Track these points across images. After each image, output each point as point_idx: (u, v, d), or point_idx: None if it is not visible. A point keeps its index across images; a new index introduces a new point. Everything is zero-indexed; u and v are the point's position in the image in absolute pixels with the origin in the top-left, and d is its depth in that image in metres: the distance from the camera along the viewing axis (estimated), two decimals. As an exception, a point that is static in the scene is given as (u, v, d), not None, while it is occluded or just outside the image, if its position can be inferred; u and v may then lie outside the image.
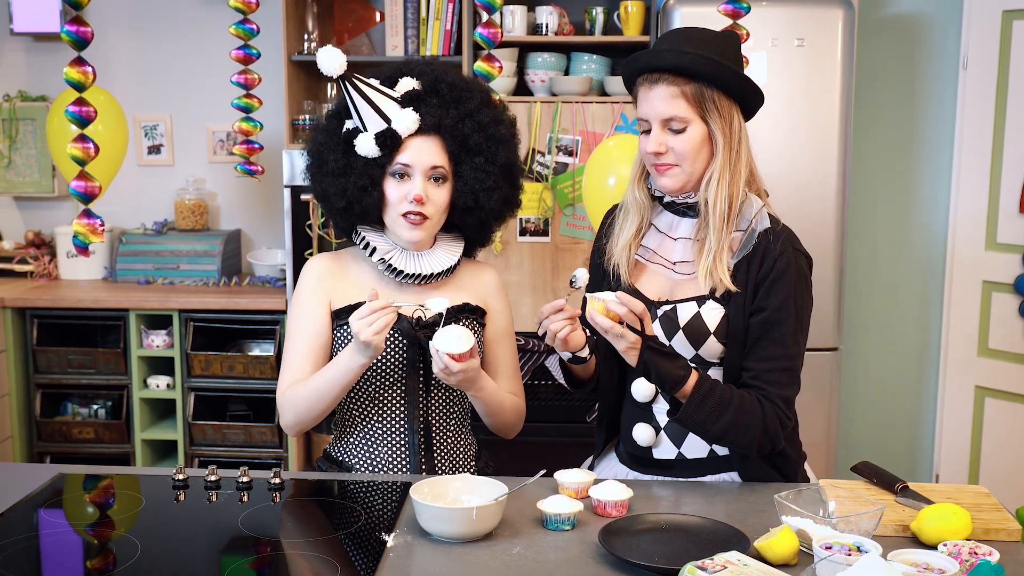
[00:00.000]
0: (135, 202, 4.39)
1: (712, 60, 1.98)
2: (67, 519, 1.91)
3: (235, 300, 3.91)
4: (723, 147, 2.02)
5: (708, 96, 2.00)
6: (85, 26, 2.19)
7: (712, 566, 1.50)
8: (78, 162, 2.28)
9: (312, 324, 2.19)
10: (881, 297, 4.26)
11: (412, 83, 2.19)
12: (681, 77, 1.99)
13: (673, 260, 2.10)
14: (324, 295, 2.20)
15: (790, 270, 2.01)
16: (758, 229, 2.03)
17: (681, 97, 1.99)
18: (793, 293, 2.01)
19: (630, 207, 2.16)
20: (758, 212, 2.05)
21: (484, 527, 1.76)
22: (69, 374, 3.97)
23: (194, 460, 3.99)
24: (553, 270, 3.81)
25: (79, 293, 4.00)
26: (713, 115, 2.01)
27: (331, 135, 2.19)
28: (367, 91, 2.13)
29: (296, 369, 2.17)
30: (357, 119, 2.15)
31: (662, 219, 2.14)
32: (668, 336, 2.06)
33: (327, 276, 2.22)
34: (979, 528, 1.79)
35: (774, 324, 2.01)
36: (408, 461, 2.20)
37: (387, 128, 2.12)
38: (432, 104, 2.16)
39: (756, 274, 2.02)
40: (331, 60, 2.09)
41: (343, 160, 2.15)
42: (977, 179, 3.92)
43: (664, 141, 2.02)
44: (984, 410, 3.96)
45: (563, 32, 3.92)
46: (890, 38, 4.13)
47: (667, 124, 2.01)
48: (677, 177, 2.05)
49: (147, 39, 4.34)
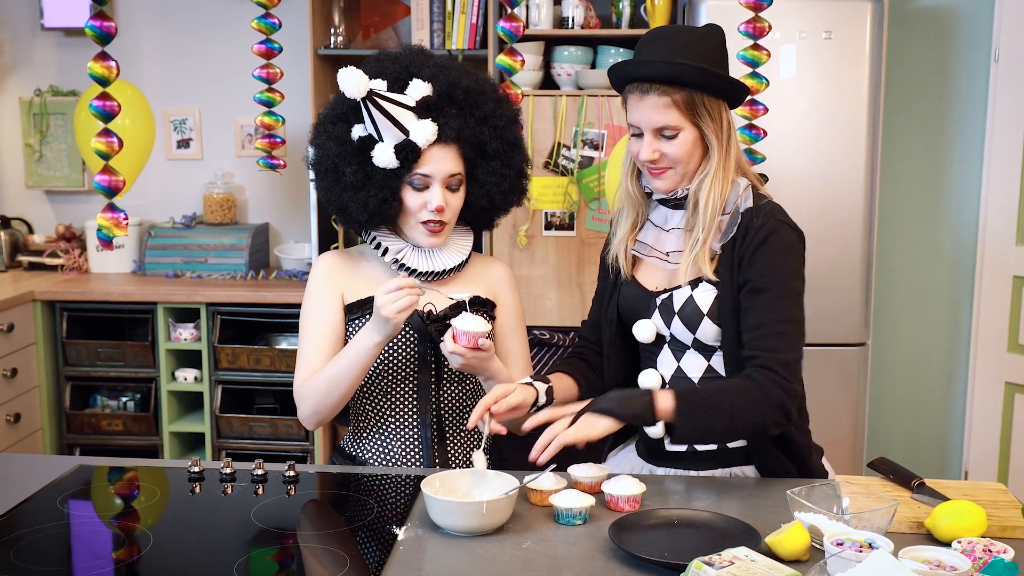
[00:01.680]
0: (164, 196, 4.42)
1: (701, 69, 1.97)
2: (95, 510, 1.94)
3: (262, 294, 3.93)
4: (716, 147, 2.03)
5: (698, 101, 2.00)
6: (109, 21, 2.21)
7: (719, 562, 1.49)
8: (102, 156, 2.30)
9: (325, 318, 2.20)
10: (910, 292, 4.21)
11: (425, 88, 2.15)
12: (671, 86, 1.98)
13: (667, 251, 2.11)
14: (336, 290, 2.21)
15: (771, 239, 2.01)
16: (741, 208, 2.05)
17: (672, 106, 1.99)
18: (775, 261, 2.00)
19: (625, 202, 2.18)
20: (743, 192, 2.06)
21: (494, 521, 1.76)
22: (98, 367, 4.01)
23: (221, 453, 4.02)
24: (578, 264, 3.80)
25: (108, 286, 4.04)
26: (704, 119, 2.01)
27: (342, 144, 2.16)
28: (386, 106, 2.10)
29: (311, 362, 2.17)
30: (372, 129, 2.13)
31: (656, 213, 2.16)
32: (667, 323, 2.07)
33: (338, 272, 2.23)
34: (995, 525, 1.77)
35: (759, 291, 1.99)
36: (421, 455, 2.20)
37: (406, 140, 2.10)
38: (450, 113, 2.15)
39: (739, 250, 2.02)
40: (354, 83, 2.06)
41: (360, 172, 2.13)
42: (1008, 173, 3.86)
43: (657, 148, 2.02)
44: (1014, 406, 3.91)
45: (589, 25, 3.91)
46: (920, 30, 4.08)
47: (659, 132, 2.02)
48: (671, 179, 2.06)
49: (175, 33, 4.37)
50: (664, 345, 2.12)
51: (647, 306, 2.10)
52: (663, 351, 2.12)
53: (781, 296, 1.99)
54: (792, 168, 3.57)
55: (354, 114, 2.17)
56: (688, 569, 1.49)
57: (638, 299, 2.13)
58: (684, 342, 2.08)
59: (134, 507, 1.96)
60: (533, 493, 1.90)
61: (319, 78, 3.94)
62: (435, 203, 2.13)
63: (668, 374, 2.11)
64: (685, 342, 2.08)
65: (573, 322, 3.82)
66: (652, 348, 2.14)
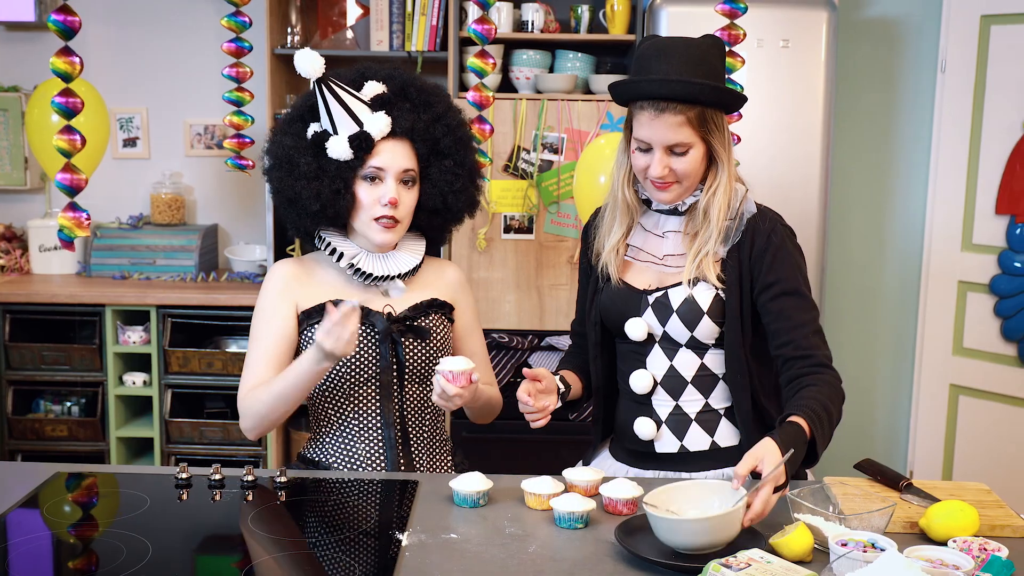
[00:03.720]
0: (110, 196, 4.31)
1: (717, 88, 2.02)
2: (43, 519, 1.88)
3: (215, 296, 3.86)
4: (723, 161, 2.08)
5: (709, 117, 2.04)
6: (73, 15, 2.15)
7: (736, 563, 1.51)
8: (64, 154, 2.24)
9: (276, 328, 2.20)
10: (858, 297, 4.30)
11: (379, 87, 2.21)
12: (686, 104, 2.01)
13: (661, 255, 2.13)
14: (290, 299, 2.22)
15: (786, 243, 2.09)
16: (746, 214, 2.10)
17: (687, 124, 2.02)
18: (792, 264, 2.08)
19: (620, 208, 2.18)
20: (743, 199, 2.11)
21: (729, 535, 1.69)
22: (43, 370, 3.90)
23: (170, 458, 3.94)
24: (537, 268, 3.81)
25: (54, 288, 3.93)
26: (713, 134, 2.05)
27: (298, 138, 2.19)
28: (341, 94, 2.15)
29: (258, 372, 2.17)
30: (328, 122, 2.16)
31: (648, 219, 2.18)
32: (662, 322, 2.09)
33: (292, 280, 2.24)
34: (985, 524, 1.81)
35: (790, 293, 2.06)
36: (385, 457, 2.20)
37: (360, 131, 2.14)
38: (403, 108, 2.20)
39: (749, 254, 2.07)
40: (309, 62, 2.11)
41: (315, 163, 2.16)
42: (954, 181, 3.97)
43: (668, 164, 2.05)
44: (959, 408, 4.01)
45: (548, 29, 3.92)
46: (869, 41, 4.18)
47: (671, 149, 2.04)
48: (676, 192, 2.09)
49: (124, 31, 4.27)
50: (655, 344, 2.13)
51: (636, 305, 2.12)
52: (653, 350, 2.13)
53: (805, 299, 2.08)
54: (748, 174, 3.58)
55: (310, 114, 2.21)
56: (705, 571, 1.50)
57: (626, 298, 2.14)
58: (678, 340, 2.10)
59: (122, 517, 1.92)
60: (532, 497, 1.90)
61: (275, 77, 3.89)
62: (388, 196, 2.15)
63: (660, 373, 2.12)
64: (679, 340, 2.10)
65: (531, 325, 3.82)
66: (640, 348, 2.15)
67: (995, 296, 3.85)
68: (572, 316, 2.43)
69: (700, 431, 2.12)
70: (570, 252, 3.78)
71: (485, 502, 1.91)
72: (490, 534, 1.78)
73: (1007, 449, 3.83)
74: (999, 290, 3.82)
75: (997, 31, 3.80)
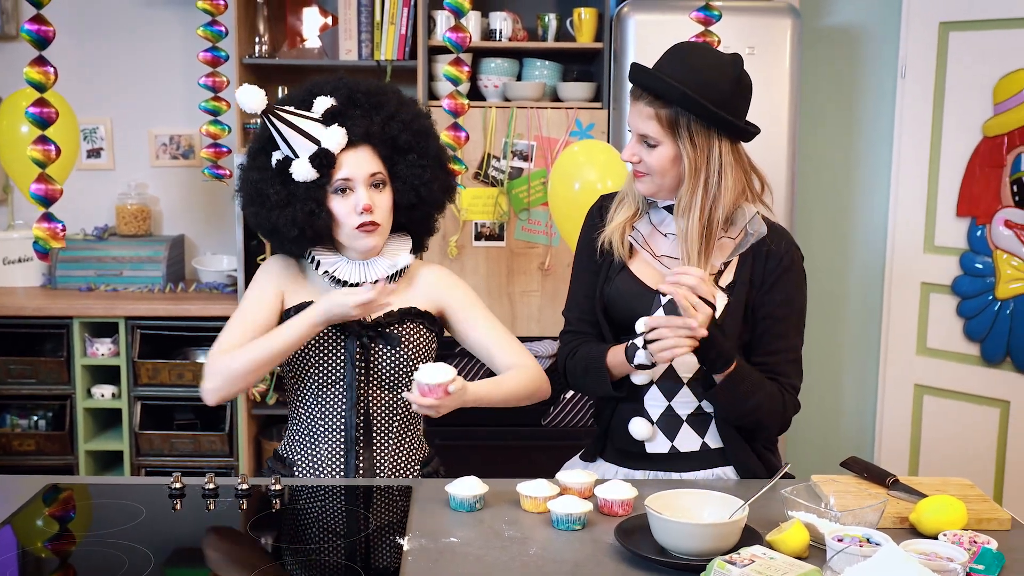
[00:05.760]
0: (74, 207, 4.24)
1: (683, 93, 1.99)
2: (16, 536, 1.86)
3: (184, 307, 3.84)
4: (690, 173, 2.05)
5: (683, 123, 2.03)
6: (47, 25, 2.15)
7: (740, 560, 1.53)
8: (39, 164, 2.23)
9: (262, 308, 2.22)
10: (823, 299, 4.37)
11: (328, 101, 2.23)
12: (658, 100, 2.03)
13: (660, 253, 2.16)
14: (279, 288, 2.26)
15: (793, 268, 2.13)
16: (752, 232, 2.12)
17: (655, 119, 2.05)
18: (796, 290, 2.14)
19: (628, 196, 2.22)
20: (751, 219, 2.13)
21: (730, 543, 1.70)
22: (9, 384, 3.85)
23: (140, 470, 3.90)
24: (508, 274, 3.82)
25: (20, 300, 3.88)
26: (684, 141, 2.04)
27: (263, 170, 2.21)
28: (291, 119, 2.17)
29: (235, 335, 2.17)
30: (286, 148, 2.18)
31: (656, 213, 2.20)
32: None
33: (285, 274, 2.28)
34: (972, 518, 1.86)
35: (780, 319, 2.12)
36: (343, 460, 2.22)
37: (319, 149, 2.16)
38: (354, 115, 2.22)
39: (762, 271, 2.11)
40: (252, 99, 2.14)
41: (284, 191, 2.17)
42: (915, 184, 4.05)
43: (638, 152, 2.10)
44: (923, 407, 4.09)
45: (516, 38, 3.94)
46: (831, 47, 4.25)
47: (643, 138, 2.08)
48: (648, 185, 2.13)
49: (86, 40, 4.23)
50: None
51: (648, 303, 2.12)
52: None
53: (795, 327, 2.14)
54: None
55: (271, 144, 2.22)
56: (710, 568, 1.53)
57: (637, 296, 2.15)
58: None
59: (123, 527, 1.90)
60: (528, 500, 1.91)
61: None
62: (362, 203, 2.17)
63: (658, 371, 2.15)
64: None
65: (504, 332, 3.83)
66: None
67: (957, 297, 3.93)
68: (543, 322, 2.44)
69: (691, 432, 2.15)
70: (541, 259, 3.80)
71: (481, 506, 1.93)
72: (489, 537, 1.79)
73: (972, 447, 3.91)
74: (961, 291, 3.90)
75: (955, 37, 3.88)
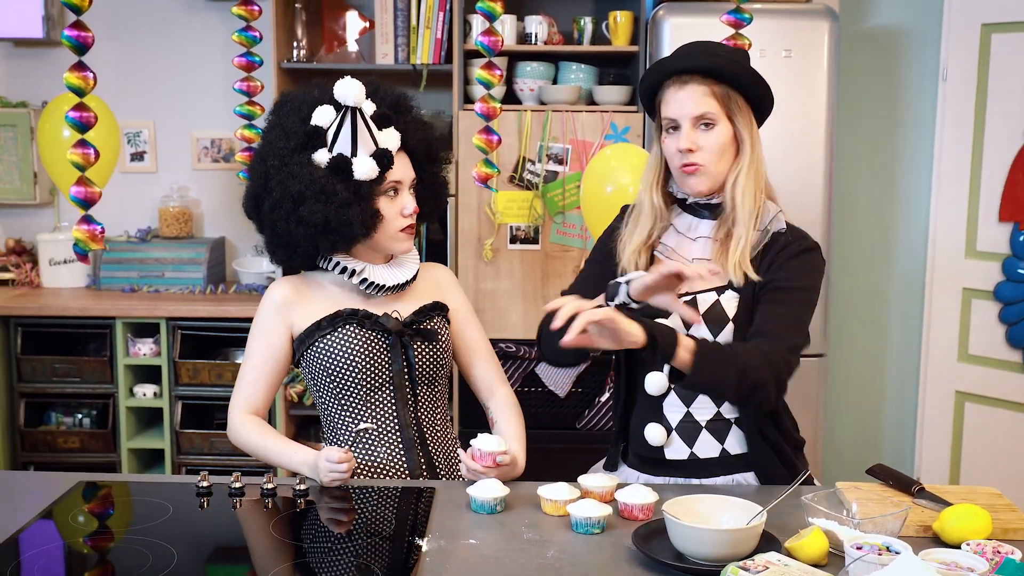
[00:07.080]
0: (118, 210, 4.33)
1: (740, 64, 2.11)
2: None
3: (224, 308, 3.89)
4: (748, 144, 2.12)
5: (733, 98, 2.10)
6: (86, 31, 2.18)
7: (754, 566, 1.53)
8: (78, 168, 2.26)
9: (268, 349, 2.26)
10: (864, 304, 4.33)
11: (372, 105, 2.25)
12: (710, 78, 2.08)
13: (691, 258, 2.14)
14: (284, 321, 2.27)
15: (805, 255, 2.11)
16: (772, 230, 2.12)
17: (711, 96, 2.08)
18: (803, 272, 2.09)
19: (645, 211, 2.19)
20: (773, 217, 2.14)
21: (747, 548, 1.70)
22: (54, 383, 3.93)
23: (181, 469, 3.96)
24: (543, 278, 3.83)
25: (65, 301, 3.96)
26: (738, 116, 2.11)
27: (313, 168, 2.17)
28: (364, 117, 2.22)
29: (248, 390, 2.26)
30: (346, 146, 2.18)
31: (681, 221, 2.19)
32: (687, 326, 2.08)
33: (288, 302, 2.27)
34: (998, 528, 1.83)
35: (781, 290, 2.06)
36: (406, 460, 2.24)
37: (380, 148, 2.20)
38: (397, 122, 2.27)
39: (768, 258, 2.09)
40: (354, 90, 2.18)
41: (347, 188, 2.16)
42: (957, 188, 4.00)
43: (695, 139, 2.08)
44: (964, 415, 4.04)
45: (552, 41, 3.95)
46: (871, 50, 4.21)
47: (698, 121, 2.09)
48: (703, 179, 2.11)
49: (130, 45, 4.31)
50: None
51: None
52: None
53: (799, 301, 2.08)
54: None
55: (311, 140, 2.20)
56: (723, 573, 1.53)
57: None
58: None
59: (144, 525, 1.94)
60: (548, 503, 1.92)
61: (282, 91, 3.91)
62: (411, 206, 2.25)
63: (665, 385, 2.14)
64: None
65: (539, 335, 3.84)
66: None
67: (999, 303, 3.87)
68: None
69: (710, 438, 2.14)
70: (576, 262, 3.81)
71: (502, 508, 1.94)
72: (508, 539, 1.80)
73: (1013, 455, 3.85)
74: (1003, 297, 3.85)
75: (998, 39, 3.83)
